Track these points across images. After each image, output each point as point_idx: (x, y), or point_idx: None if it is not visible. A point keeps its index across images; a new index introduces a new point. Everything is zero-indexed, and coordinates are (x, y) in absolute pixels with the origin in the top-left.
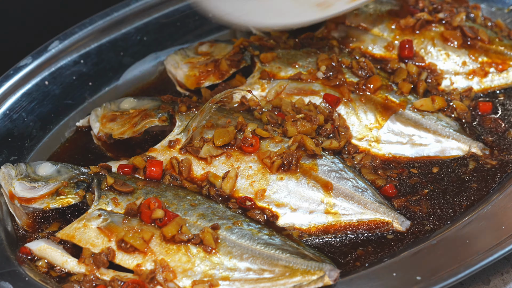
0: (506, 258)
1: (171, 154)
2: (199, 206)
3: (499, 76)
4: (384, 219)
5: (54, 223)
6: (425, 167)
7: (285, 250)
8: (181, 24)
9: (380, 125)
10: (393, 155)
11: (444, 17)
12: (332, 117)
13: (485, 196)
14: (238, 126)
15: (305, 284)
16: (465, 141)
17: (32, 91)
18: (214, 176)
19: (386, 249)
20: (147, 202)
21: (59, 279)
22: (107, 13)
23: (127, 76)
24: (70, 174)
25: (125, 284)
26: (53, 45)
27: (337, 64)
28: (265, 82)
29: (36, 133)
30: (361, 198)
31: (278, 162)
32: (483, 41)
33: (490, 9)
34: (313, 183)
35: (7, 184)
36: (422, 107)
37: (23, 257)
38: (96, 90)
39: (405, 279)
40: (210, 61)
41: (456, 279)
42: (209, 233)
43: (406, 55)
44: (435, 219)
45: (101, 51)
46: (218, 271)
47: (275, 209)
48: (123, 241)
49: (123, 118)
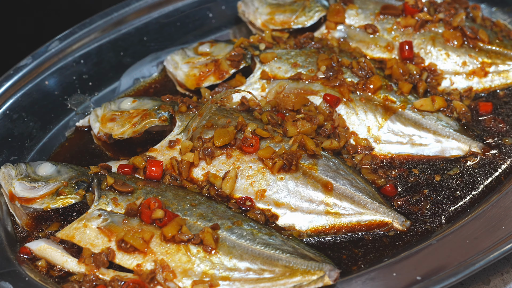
0: (506, 258)
1: (171, 154)
2: (199, 206)
3: (499, 76)
4: (384, 219)
5: (54, 223)
6: (425, 167)
7: (285, 250)
8: (181, 24)
9: (380, 125)
10: (393, 155)
11: (444, 17)
12: (332, 117)
13: (485, 196)
14: (238, 126)
15: (305, 284)
16: (465, 141)
17: (32, 91)
18: (214, 176)
19: (386, 249)
20: (147, 202)
21: (59, 279)
22: (107, 13)
23: (127, 76)
24: (70, 174)
25: (125, 284)
26: (53, 45)
27: (337, 64)
28: (265, 82)
29: (36, 133)
30: (361, 198)
31: (280, 162)
32: (483, 41)
33: (490, 9)
34: (313, 183)
35: (7, 184)
36: (422, 107)
37: (23, 257)
38: (96, 90)
39: (405, 279)
40: (210, 61)
41: (456, 279)
42: (209, 233)
43: (406, 56)
44: (435, 219)
45: (101, 51)
46: (218, 271)
47: (275, 209)
48: (123, 241)
49: (123, 118)
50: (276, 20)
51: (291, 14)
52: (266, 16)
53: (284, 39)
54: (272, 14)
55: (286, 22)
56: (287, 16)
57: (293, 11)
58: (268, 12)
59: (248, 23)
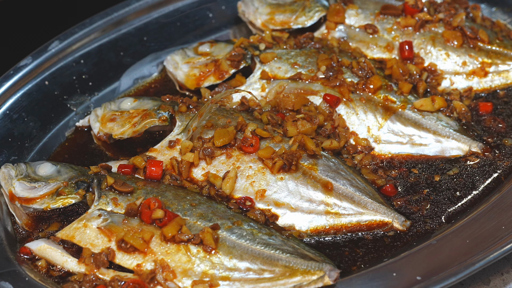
0: (506, 258)
1: (171, 154)
2: (199, 206)
3: (499, 76)
4: (384, 219)
5: (54, 223)
6: (425, 167)
7: (285, 250)
8: (181, 24)
9: (380, 125)
10: (393, 155)
11: (444, 17)
12: (332, 117)
13: (485, 196)
14: (238, 126)
15: (305, 284)
16: (465, 141)
17: (32, 91)
18: (214, 177)
19: (386, 249)
20: (147, 202)
21: (59, 279)
22: (107, 13)
23: (127, 76)
24: (70, 174)
25: (125, 284)
26: (53, 45)
27: (337, 64)
28: (265, 82)
29: (36, 133)
30: (361, 198)
31: (280, 162)
32: (483, 41)
33: (490, 9)
34: (313, 183)
35: (7, 184)
36: (422, 107)
37: (23, 257)
38: (96, 90)
39: (405, 279)
40: (210, 61)
41: (456, 279)
42: (209, 233)
43: (406, 56)
44: (435, 219)
45: (101, 51)
46: (218, 271)
47: (275, 209)
48: (123, 241)
49: (123, 118)
50: (276, 20)
51: (291, 14)
52: (266, 16)
53: (284, 39)
54: (272, 14)
55: (286, 22)
56: (287, 16)
57: (293, 11)
58: (268, 12)
59: (248, 23)
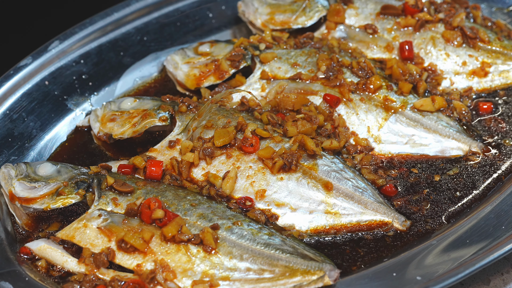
0: (506, 258)
1: (171, 154)
2: (199, 206)
3: (499, 76)
4: (384, 219)
5: (54, 223)
6: (425, 167)
7: (285, 250)
8: (181, 24)
9: (380, 125)
10: (393, 155)
11: (444, 17)
12: (332, 117)
13: (485, 196)
14: (238, 126)
15: (305, 284)
16: (465, 141)
17: (32, 91)
18: (214, 177)
19: (386, 249)
20: (147, 202)
21: (59, 279)
22: (107, 13)
23: (127, 76)
24: (70, 174)
25: (125, 284)
26: (53, 45)
27: (337, 64)
28: (265, 82)
29: (36, 133)
30: (361, 198)
31: (280, 162)
32: (483, 41)
33: (490, 9)
34: (313, 183)
35: (7, 184)
36: (422, 107)
37: (23, 257)
38: (96, 90)
39: (405, 279)
40: (210, 61)
41: (456, 279)
42: (209, 233)
43: (406, 56)
44: (435, 219)
45: (101, 51)
46: (218, 271)
47: (275, 209)
48: (123, 241)
49: (123, 118)
50: (276, 20)
51: (291, 14)
52: (266, 16)
53: (284, 39)
54: (272, 14)
55: (286, 22)
56: (287, 16)
57: (293, 11)
58: (268, 12)
59: (248, 23)
